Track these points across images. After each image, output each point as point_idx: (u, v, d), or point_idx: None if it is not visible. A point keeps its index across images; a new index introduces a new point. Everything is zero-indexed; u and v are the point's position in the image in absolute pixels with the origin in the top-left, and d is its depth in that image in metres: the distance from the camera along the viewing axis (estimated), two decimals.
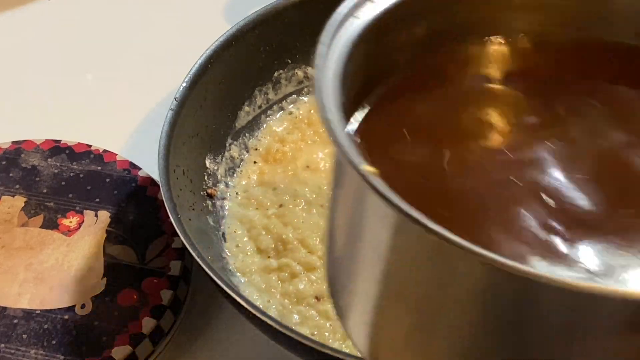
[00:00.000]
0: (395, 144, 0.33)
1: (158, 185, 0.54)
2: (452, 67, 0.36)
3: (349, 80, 0.32)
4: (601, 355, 0.28)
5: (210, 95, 0.55)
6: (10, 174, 0.56)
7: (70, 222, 0.53)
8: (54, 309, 0.49)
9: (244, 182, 0.56)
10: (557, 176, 0.32)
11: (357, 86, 0.33)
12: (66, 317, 0.48)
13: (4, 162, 0.56)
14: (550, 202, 0.31)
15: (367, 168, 0.27)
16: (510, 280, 0.27)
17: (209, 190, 0.54)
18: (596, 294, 0.26)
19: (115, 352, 0.47)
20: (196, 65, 0.54)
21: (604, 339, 0.28)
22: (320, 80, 0.30)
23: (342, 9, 0.32)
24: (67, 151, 0.57)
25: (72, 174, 0.56)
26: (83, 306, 0.49)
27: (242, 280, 0.51)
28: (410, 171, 0.33)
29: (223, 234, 0.53)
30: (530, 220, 0.30)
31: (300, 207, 0.54)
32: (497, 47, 0.37)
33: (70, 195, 0.55)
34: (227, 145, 0.57)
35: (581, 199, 0.31)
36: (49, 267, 0.51)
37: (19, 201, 0.54)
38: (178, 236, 0.46)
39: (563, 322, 0.28)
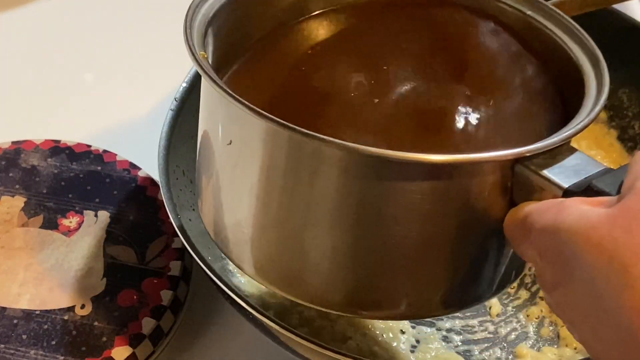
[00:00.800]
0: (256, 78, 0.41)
1: (158, 185, 0.54)
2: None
3: (221, 36, 0.42)
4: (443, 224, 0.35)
5: None
6: (10, 174, 0.56)
7: (70, 222, 0.53)
8: (54, 310, 0.49)
9: None
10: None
11: (229, 44, 0.42)
12: (66, 317, 0.48)
13: (3, 162, 0.56)
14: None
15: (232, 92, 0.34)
16: (362, 163, 0.33)
17: None
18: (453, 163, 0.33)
19: (115, 352, 0.47)
20: None
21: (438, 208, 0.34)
22: (188, 28, 0.40)
23: None
24: (66, 151, 0.57)
25: (72, 174, 0.56)
26: (83, 306, 0.49)
27: (242, 281, 0.51)
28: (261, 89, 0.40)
29: None
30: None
31: None
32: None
33: (70, 196, 0.55)
34: None
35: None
36: (49, 267, 0.51)
37: (19, 201, 0.54)
38: (178, 236, 0.46)
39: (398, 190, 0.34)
